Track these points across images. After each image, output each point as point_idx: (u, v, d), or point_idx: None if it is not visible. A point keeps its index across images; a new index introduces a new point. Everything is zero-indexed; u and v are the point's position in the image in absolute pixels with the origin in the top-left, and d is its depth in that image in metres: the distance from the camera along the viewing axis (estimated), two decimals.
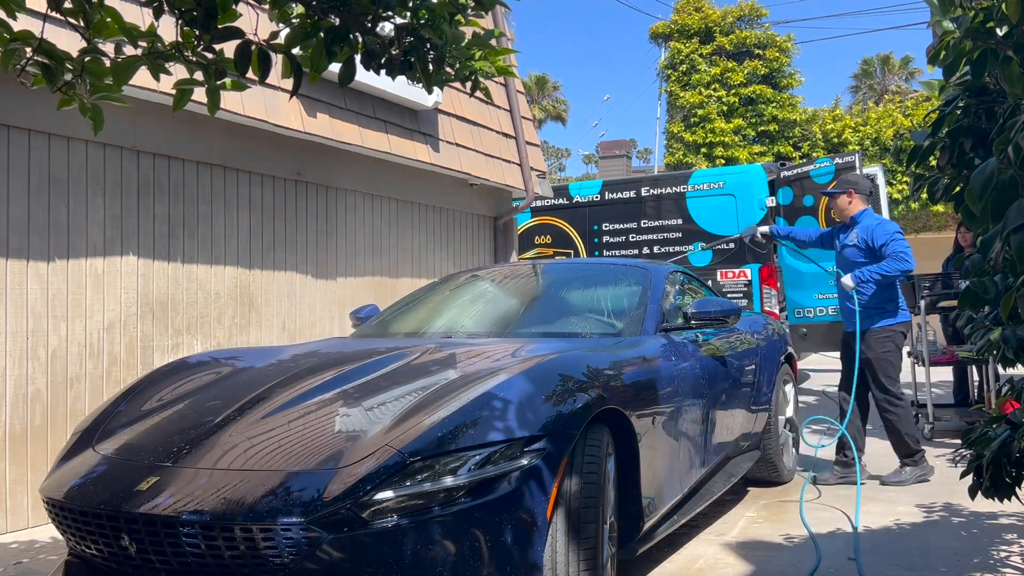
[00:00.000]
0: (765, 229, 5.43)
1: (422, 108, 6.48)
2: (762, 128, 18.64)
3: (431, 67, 2.05)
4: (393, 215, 6.68)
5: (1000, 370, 5.89)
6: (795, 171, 9.48)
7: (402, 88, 5.99)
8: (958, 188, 2.61)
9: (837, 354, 5.36)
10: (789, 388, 5.04)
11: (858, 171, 8.93)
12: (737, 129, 18.66)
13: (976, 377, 6.89)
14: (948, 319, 6.84)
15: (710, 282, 8.34)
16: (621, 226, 9.84)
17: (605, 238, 9.95)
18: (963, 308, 2.58)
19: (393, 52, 2.00)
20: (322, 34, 1.98)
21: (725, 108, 18.96)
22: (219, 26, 1.93)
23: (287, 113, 5.26)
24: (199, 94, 2.22)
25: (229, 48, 1.97)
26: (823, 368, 11.56)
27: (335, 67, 2.09)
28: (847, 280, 4.77)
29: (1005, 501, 2.41)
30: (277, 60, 2.02)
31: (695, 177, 9.49)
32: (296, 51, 2.02)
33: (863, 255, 4.79)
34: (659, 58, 20.85)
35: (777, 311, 8.74)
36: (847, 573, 3.20)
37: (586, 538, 2.41)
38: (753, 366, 4.39)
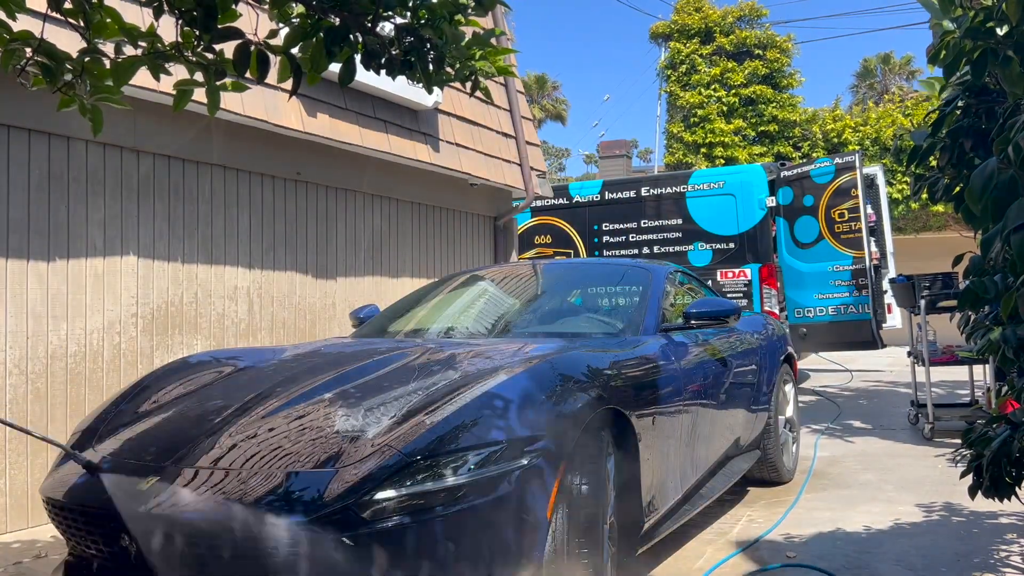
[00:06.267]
0: None
1: (422, 108, 6.48)
2: (762, 128, 18.63)
3: (431, 67, 2.05)
4: (393, 215, 6.68)
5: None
6: (795, 171, 9.50)
7: (402, 88, 5.99)
8: (958, 188, 2.61)
9: (837, 354, 5.31)
10: (789, 388, 5.04)
11: (858, 171, 8.97)
12: (737, 129, 18.65)
13: (978, 376, 6.91)
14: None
15: (710, 282, 8.34)
16: (621, 226, 9.84)
17: (605, 238, 9.95)
18: (963, 308, 2.59)
19: (393, 52, 2.00)
20: (322, 34, 1.98)
21: (725, 108, 18.95)
22: (219, 26, 1.94)
23: (287, 113, 5.26)
24: (199, 94, 2.22)
25: (229, 48, 1.97)
26: (823, 368, 11.57)
27: (335, 67, 2.10)
28: None
29: (1005, 501, 2.41)
30: (276, 61, 2.02)
31: (695, 177, 9.51)
32: (296, 51, 2.02)
33: None
34: (659, 58, 20.83)
35: (777, 311, 8.75)
36: (848, 572, 3.20)
37: (586, 538, 2.40)
38: (753, 366, 4.40)
